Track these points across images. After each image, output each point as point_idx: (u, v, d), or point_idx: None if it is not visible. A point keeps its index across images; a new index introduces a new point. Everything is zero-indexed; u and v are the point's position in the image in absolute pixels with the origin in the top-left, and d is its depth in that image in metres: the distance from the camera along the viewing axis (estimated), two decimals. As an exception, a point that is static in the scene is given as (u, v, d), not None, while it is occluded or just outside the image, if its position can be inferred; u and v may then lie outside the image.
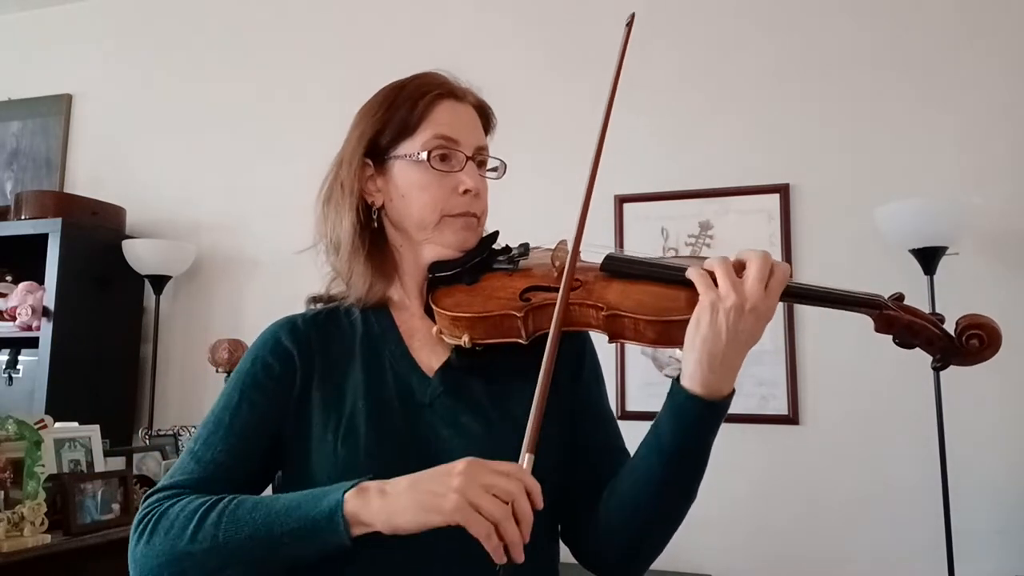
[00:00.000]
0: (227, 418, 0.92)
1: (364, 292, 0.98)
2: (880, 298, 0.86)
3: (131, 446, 2.75)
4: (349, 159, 0.99)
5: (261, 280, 3.28)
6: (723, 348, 0.80)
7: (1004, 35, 2.57)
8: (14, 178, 3.76)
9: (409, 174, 0.96)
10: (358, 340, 0.98)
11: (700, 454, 0.86)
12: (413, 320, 0.99)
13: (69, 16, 3.81)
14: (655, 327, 0.85)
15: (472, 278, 0.96)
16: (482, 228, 1.01)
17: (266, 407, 0.93)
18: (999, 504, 2.38)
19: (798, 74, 2.75)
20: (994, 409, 2.42)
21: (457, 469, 0.75)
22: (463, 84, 1.02)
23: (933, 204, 2.31)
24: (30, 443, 1.86)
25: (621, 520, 0.91)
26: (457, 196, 0.96)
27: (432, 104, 0.97)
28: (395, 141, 0.97)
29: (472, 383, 0.94)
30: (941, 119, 2.58)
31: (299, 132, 3.32)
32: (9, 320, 3.07)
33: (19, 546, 1.75)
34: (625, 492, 0.91)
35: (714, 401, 0.83)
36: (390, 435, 0.90)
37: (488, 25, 3.12)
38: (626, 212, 2.83)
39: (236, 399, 0.93)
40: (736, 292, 0.79)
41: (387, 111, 0.98)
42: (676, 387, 0.85)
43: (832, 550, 2.49)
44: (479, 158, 1.00)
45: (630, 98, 2.90)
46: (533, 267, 0.98)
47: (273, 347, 0.96)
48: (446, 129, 0.96)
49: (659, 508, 0.89)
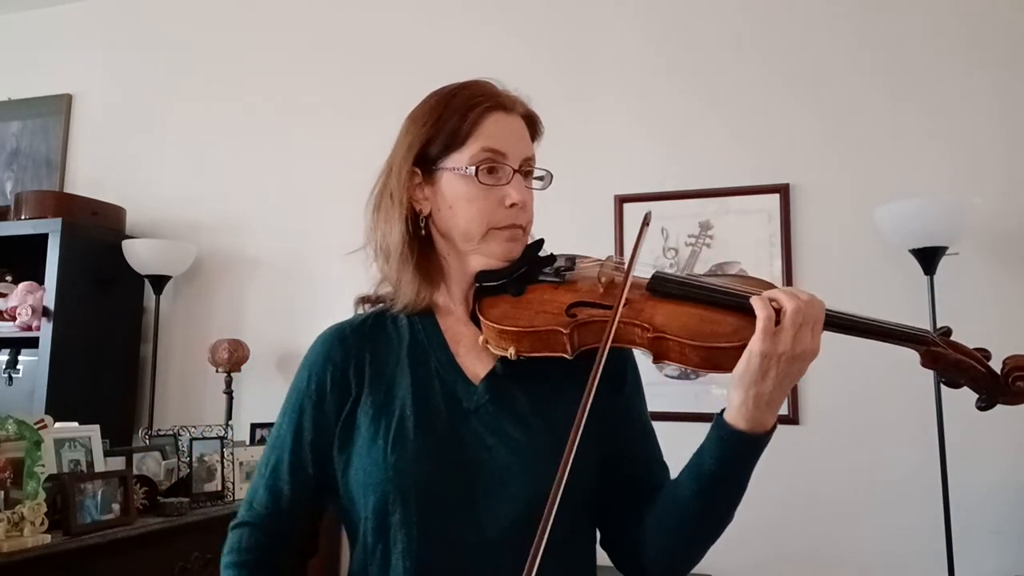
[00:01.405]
0: (290, 442, 0.98)
1: (412, 298, 0.99)
2: (929, 334, 0.85)
3: (131, 446, 2.75)
4: (398, 168, 1.00)
5: (261, 280, 3.27)
6: (770, 390, 0.82)
7: (1003, 36, 2.57)
8: (14, 178, 3.76)
9: (456, 186, 0.97)
10: (405, 347, 1.00)
11: (740, 481, 0.89)
12: (458, 326, 1.01)
13: (69, 16, 3.80)
14: (700, 352, 0.85)
15: (518, 289, 0.97)
16: (527, 237, 1.02)
17: (323, 426, 0.98)
18: (999, 504, 2.38)
19: (798, 74, 2.75)
20: (994, 410, 2.41)
21: None
22: (512, 93, 1.03)
23: (933, 204, 2.31)
24: (30, 443, 1.86)
25: (660, 538, 0.94)
26: (503, 209, 0.97)
27: (481, 116, 0.97)
28: (444, 152, 0.98)
29: (516, 392, 0.96)
30: (941, 119, 2.58)
31: (299, 132, 3.32)
32: (9, 320, 3.07)
33: (19, 546, 1.75)
34: (663, 513, 0.93)
35: (758, 435, 0.85)
36: (437, 441, 0.92)
37: (486, 25, 3.12)
38: (626, 212, 2.83)
39: (297, 421, 0.99)
40: (793, 343, 0.81)
41: (436, 121, 0.99)
42: (720, 421, 0.87)
43: (832, 550, 2.49)
44: (525, 169, 1.01)
45: (630, 98, 2.92)
46: (579, 281, 0.98)
47: (325, 362, 1.00)
48: (494, 142, 0.97)
49: (697, 530, 0.92)
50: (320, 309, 3.12)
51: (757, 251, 2.69)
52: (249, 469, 2.52)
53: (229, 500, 2.41)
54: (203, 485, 2.37)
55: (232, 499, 2.42)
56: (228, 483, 2.42)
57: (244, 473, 2.50)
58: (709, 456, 0.87)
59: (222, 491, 2.39)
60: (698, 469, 0.89)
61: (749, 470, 0.88)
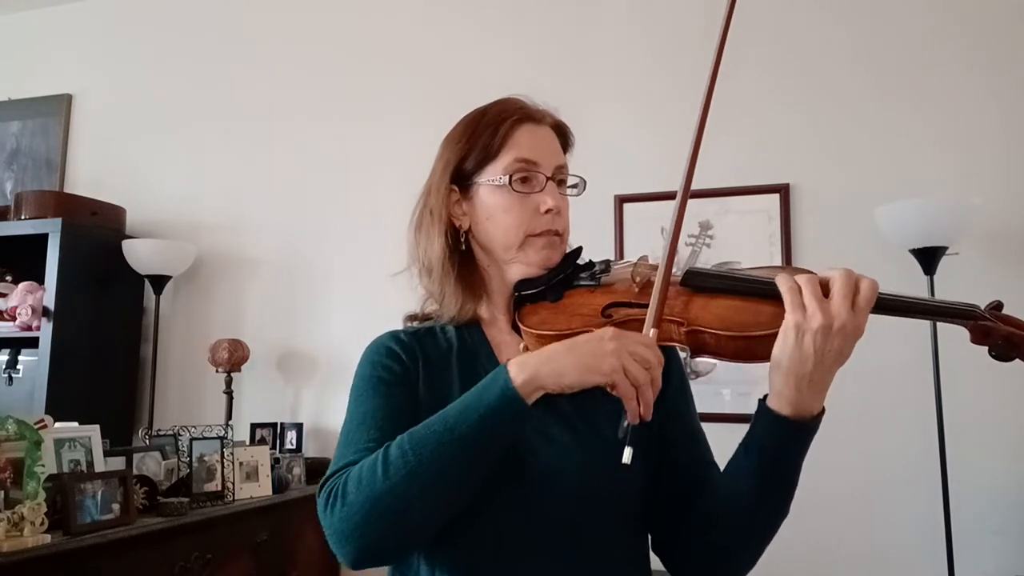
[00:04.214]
0: (370, 410, 0.95)
1: (456, 311, 1.03)
2: (976, 308, 0.84)
3: (131, 446, 2.75)
4: (437, 186, 1.04)
5: (261, 280, 3.27)
6: (810, 370, 0.80)
7: (1004, 36, 2.57)
8: (14, 178, 3.76)
9: (493, 198, 1.01)
10: (454, 353, 1.02)
11: (790, 473, 0.87)
12: (503, 336, 1.04)
13: (69, 16, 3.80)
14: (737, 343, 0.85)
15: (556, 295, 0.99)
16: (565, 244, 1.04)
17: (400, 397, 0.96)
18: (999, 504, 2.38)
19: (798, 75, 2.75)
20: (994, 409, 2.41)
21: (608, 335, 0.82)
22: (540, 106, 1.06)
23: (933, 204, 2.31)
24: (30, 443, 1.86)
25: (712, 537, 0.93)
26: (539, 216, 1.00)
27: (512, 129, 1.01)
28: (479, 167, 1.02)
29: (558, 397, 0.96)
30: (941, 119, 2.59)
31: (299, 132, 3.32)
32: (9, 320, 3.07)
33: (19, 546, 1.75)
34: (715, 511, 0.93)
35: (803, 421, 0.83)
36: None
37: (486, 27, 3.12)
38: (626, 212, 2.83)
39: (370, 394, 0.96)
40: (823, 313, 0.79)
41: (470, 139, 1.03)
42: (762, 407, 0.85)
43: (832, 551, 2.49)
44: (559, 177, 1.04)
45: (630, 98, 2.92)
46: (615, 283, 1.00)
47: (387, 353, 1.00)
48: (526, 152, 1.01)
49: (749, 526, 0.91)
50: (320, 309, 3.12)
51: (757, 251, 2.69)
52: (249, 469, 2.52)
53: (229, 500, 2.40)
54: (203, 485, 2.36)
55: (232, 499, 2.41)
56: (228, 483, 2.42)
57: (244, 473, 2.50)
58: (753, 447, 0.86)
59: (222, 491, 2.39)
60: (744, 461, 0.88)
61: (798, 461, 0.86)
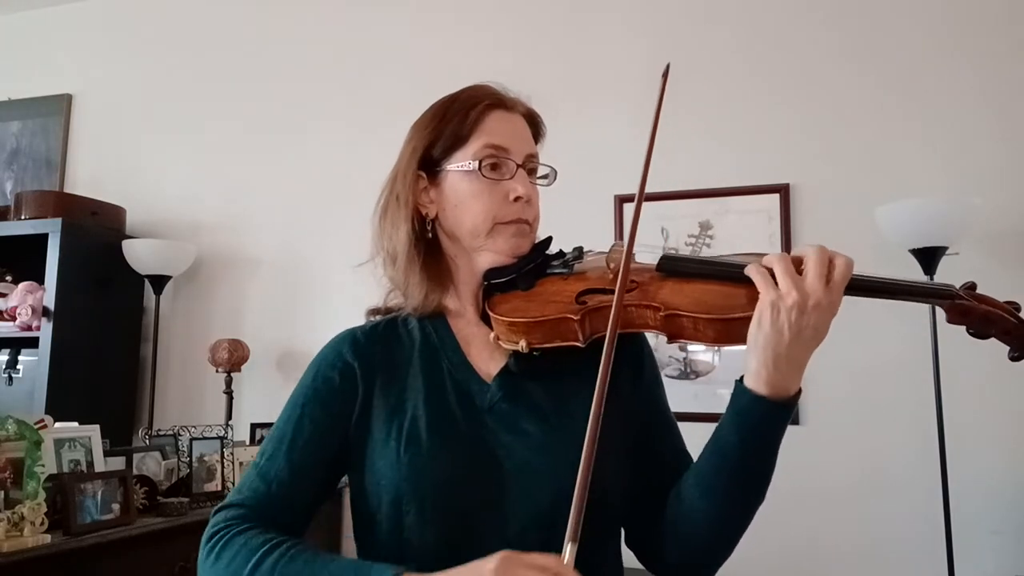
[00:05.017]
0: (290, 433, 0.95)
1: (421, 301, 0.99)
2: (952, 288, 0.84)
3: (131, 446, 2.75)
4: (404, 172, 1.01)
5: (261, 280, 3.27)
6: (787, 347, 0.79)
7: (1004, 37, 2.57)
8: (14, 178, 3.76)
9: (461, 184, 0.98)
10: (417, 349, 0.99)
11: (767, 455, 0.86)
12: (470, 328, 1.01)
13: (69, 16, 3.81)
14: (715, 326, 0.84)
15: (527, 284, 0.97)
16: (534, 234, 1.02)
17: (328, 422, 0.95)
18: (998, 504, 2.38)
19: (799, 75, 2.75)
20: (994, 409, 2.41)
21: (490, 567, 0.75)
22: (512, 94, 1.04)
23: (933, 204, 2.31)
24: (30, 443, 1.86)
25: (688, 525, 0.91)
26: (509, 203, 0.97)
27: (482, 115, 0.99)
28: (447, 152, 0.99)
29: (531, 388, 0.95)
30: (941, 119, 2.58)
31: (299, 132, 3.32)
32: (9, 320, 3.07)
33: (19, 546, 1.75)
34: (691, 497, 0.91)
35: (780, 401, 0.82)
36: (452, 441, 0.91)
37: (486, 27, 3.12)
38: (626, 212, 2.83)
39: (298, 414, 0.96)
40: (797, 289, 0.78)
41: (439, 124, 1.00)
42: (740, 388, 0.84)
43: (832, 549, 2.49)
44: (529, 165, 1.02)
45: (630, 98, 2.92)
46: (588, 270, 0.98)
47: (334, 361, 0.98)
48: (496, 138, 0.98)
49: (727, 512, 0.89)
50: (320, 309, 3.12)
51: (757, 251, 2.69)
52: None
53: (229, 500, 2.41)
54: (203, 485, 2.36)
55: (232, 499, 2.42)
56: (228, 483, 2.42)
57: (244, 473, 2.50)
58: (730, 429, 0.85)
59: (222, 491, 2.39)
60: (721, 444, 0.86)
61: (775, 443, 0.85)
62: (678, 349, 2.71)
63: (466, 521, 0.88)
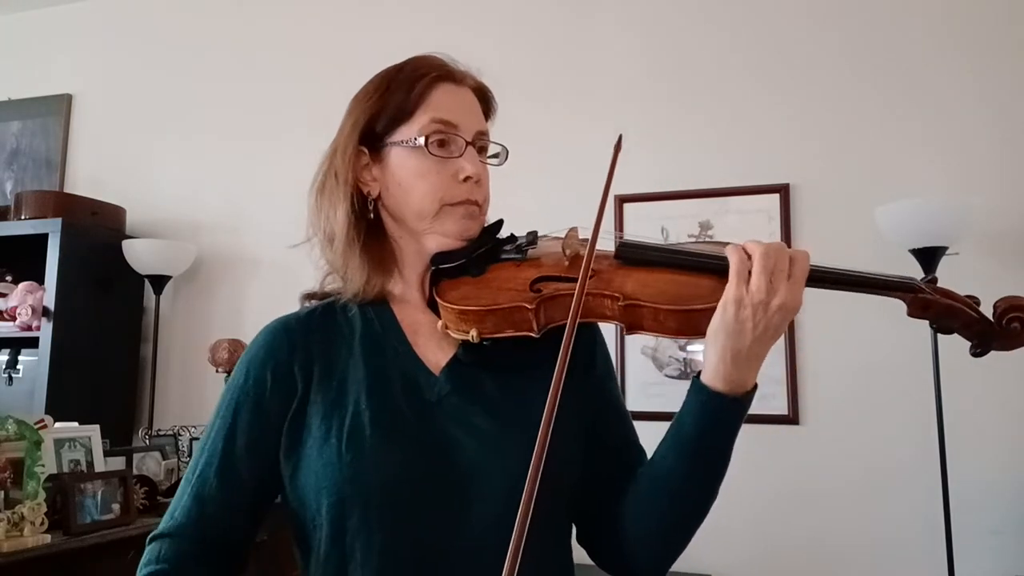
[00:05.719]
0: (221, 445, 0.89)
1: (361, 286, 0.93)
2: (915, 281, 0.83)
3: (131, 446, 2.76)
4: (343, 147, 0.95)
5: (261, 280, 3.28)
6: (748, 343, 0.77)
7: (1003, 37, 2.57)
8: (14, 178, 3.76)
9: (406, 161, 0.92)
10: (357, 338, 0.92)
11: (723, 451, 0.83)
12: (416, 315, 0.94)
13: (69, 16, 3.80)
14: (676, 317, 0.81)
15: (478, 269, 0.91)
16: (484, 216, 0.97)
17: (262, 426, 0.89)
18: (998, 503, 2.38)
19: (799, 74, 2.75)
20: (994, 410, 2.41)
21: None
22: (461, 67, 0.97)
23: (933, 204, 2.31)
24: (30, 443, 1.86)
25: (641, 521, 0.88)
26: (457, 183, 0.91)
27: (429, 87, 0.92)
28: (391, 127, 0.93)
29: (482, 379, 0.90)
30: (941, 119, 2.58)
31: (299, 131, 3.32)
32: (9, 320, 3.07)
33: (19, 546, 1.75)
34: (644, 492, 0.88)
35: (737, 396, 0.80)
36: (398, 436, 0.85)
37: (486, 26, 3.12)
38: (626, 212, 2.83)
39: (231, 422, 0.90)
40: (766, 288, 0.76)
41: (382, 96, 0.94)
42: (697, 383, 0.82)
43: (832, 550, 2.49)
44: (479, 143, 0.96)
45: (630, 98, 2.92)
46: (542, 256, 0.93)
47: (265, 357, 0.92)
48: (444, 113, 0.92)
49: (680, 508, 0.87)
50: (320, 309, 3.11)
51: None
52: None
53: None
54: (203, 485, 2.37)
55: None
56: (228, 483, 2.42)
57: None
58: (686, 424, 0.82)
59: (222, 491, 2.39)
60: (676, 440, 0.84)
61: (731, 439, 0.83)
62: (678, 349, 2.71)
63: (413, 525, 0.82)
